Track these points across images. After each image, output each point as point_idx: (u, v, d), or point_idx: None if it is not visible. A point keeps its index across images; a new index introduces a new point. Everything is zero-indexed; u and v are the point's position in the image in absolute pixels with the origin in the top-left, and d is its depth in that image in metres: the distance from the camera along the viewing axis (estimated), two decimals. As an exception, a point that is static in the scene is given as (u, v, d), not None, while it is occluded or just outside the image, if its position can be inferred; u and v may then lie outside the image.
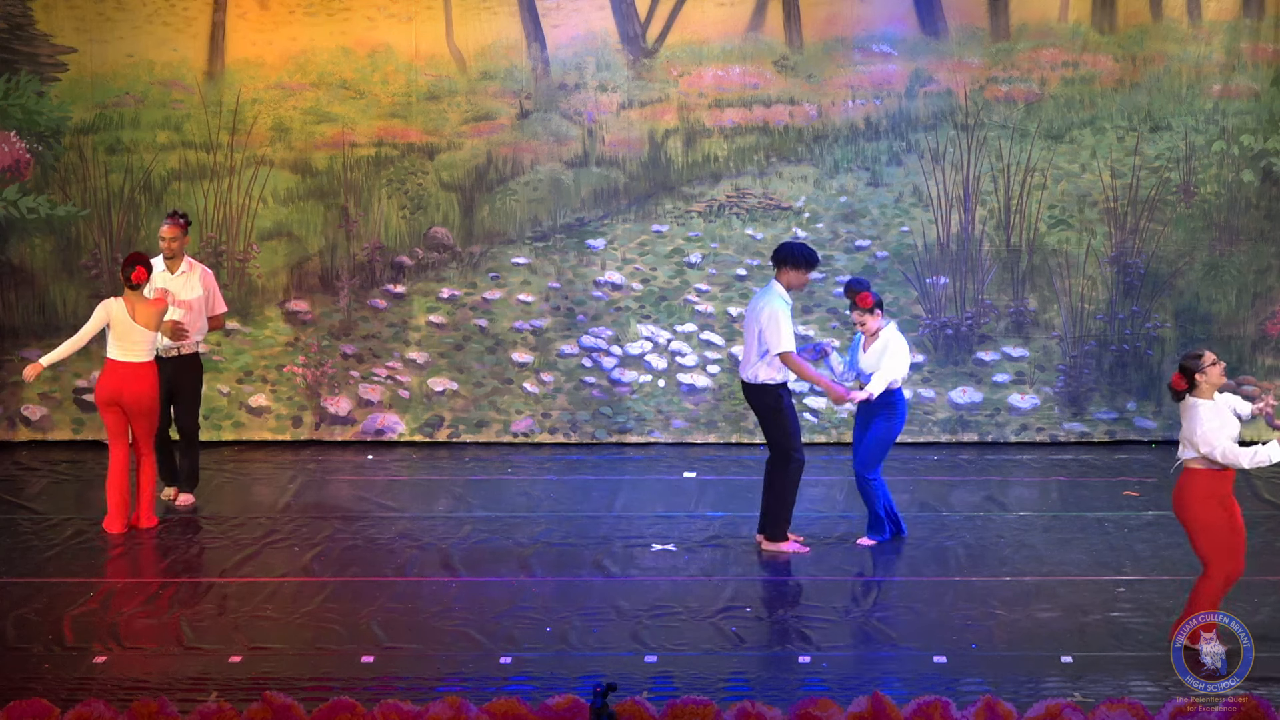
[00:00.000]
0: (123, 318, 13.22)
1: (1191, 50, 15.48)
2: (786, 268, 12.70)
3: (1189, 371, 10.58)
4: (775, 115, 15.64)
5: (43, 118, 15.60)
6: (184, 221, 13.89)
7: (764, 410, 12.77)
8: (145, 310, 13.25)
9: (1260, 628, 10.83)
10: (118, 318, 13.24)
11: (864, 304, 12.65)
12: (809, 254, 12.73)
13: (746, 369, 12.76)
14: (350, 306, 15.85)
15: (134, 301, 13.24)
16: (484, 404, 15.88)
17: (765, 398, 12.72)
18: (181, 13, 15.59)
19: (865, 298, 12.63)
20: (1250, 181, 15.56)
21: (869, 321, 12.68)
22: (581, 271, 15.81)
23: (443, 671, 10.50)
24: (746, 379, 12.78)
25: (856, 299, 12.65)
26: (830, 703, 9.40)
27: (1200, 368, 10.55)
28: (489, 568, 12.51)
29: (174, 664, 10.66)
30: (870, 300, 12.66)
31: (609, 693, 8.46)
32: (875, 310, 12.70)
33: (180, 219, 13.86)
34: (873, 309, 12.68)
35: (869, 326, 12.69)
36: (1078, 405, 15.75)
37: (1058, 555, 12.70)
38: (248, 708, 9.45)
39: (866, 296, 12.64)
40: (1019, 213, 15.63)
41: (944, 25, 15.55)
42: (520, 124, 15.72)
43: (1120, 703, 9.44)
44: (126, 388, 13.25)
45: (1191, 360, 10.60)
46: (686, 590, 12.06)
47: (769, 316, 12.56)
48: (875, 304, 12.70)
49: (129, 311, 13.20)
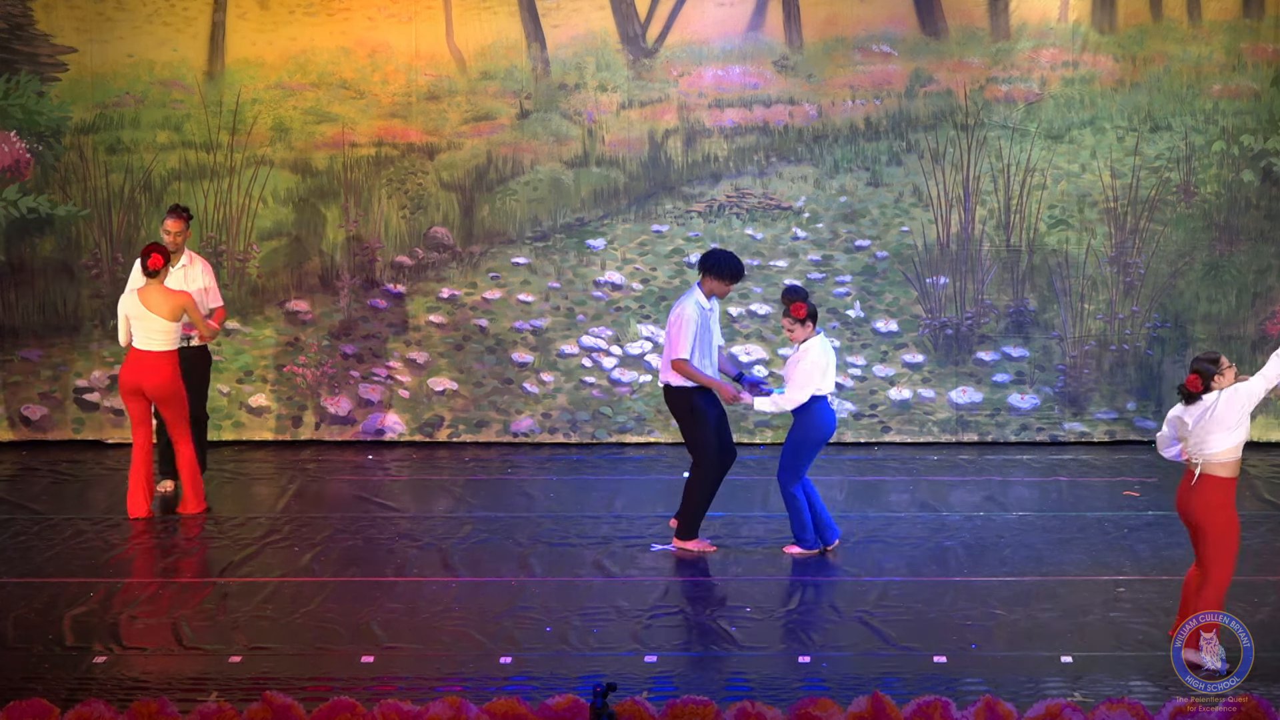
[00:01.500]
0: (137, 309, 13.30)
1: (1191, 50, 15.48)
2: (709, 276, 12.70)
3: (1206, 375, 10.50)
4: (775, 115, 15.64)
5: (43, 118, 15.60)
6: (186, 215, 13.93)
7: (678, 412, 12.82)
8: (160, 299, 13.30)
9: (1260, 628, 10.82)
10: (132, 310, 13.32)
11: (797, 313, 12.51)
12: (734, 266, 12.70)
13: (663, 373, 12.82)
14: (350, 306, 15.85)
15: (150, 291, 13.30)
16: (484, 404, 15.88)
17: (678, 400, 12.75)
18: (181, 13, 15.59)
19: (799, 307, 12.50)
20: (1250, 181, 15.56)
21: (797, 331, 12.57)
22: (581, 271, 15.81)
23: (443, 671, 10.50)
24: (664, 382, 12.83)
25: (790, 307, 12.54)
26: (830, 703, 9.40)
27: (1219, 371, 10.50)
28: (489, 568, 12.51)
29: (174, 664, 10.66)
30: (804, 311, 12.53)
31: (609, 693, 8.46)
32: (807, 321, 12.59)
33: (182, 213, 13.91)
34: (804, 320, 12.57)
35: (796, 335, 12.59)
36: (1078, 405, 15.75)
37: (1058, 555, 12.69)
38: (248, 708, 9.45)
39: (801, 306, 12.49)
40: (1019, 213, 15.62)
41: (944, 25, 15.55)
42: (520, 124, 15.72)
43: (1120, 703, 9.44)
44: (146, 378, 13.37)
45: (1208, 364, 10.51)
46: (686, 590, 12.06)
47: (675, 319, 12.63)
48: (809, 315, 12.58)
49: (143, 301, 13.27)
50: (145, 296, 13.34)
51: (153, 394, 13.41)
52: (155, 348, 13.37)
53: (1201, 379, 10.50)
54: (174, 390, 13.46)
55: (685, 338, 12.58)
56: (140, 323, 13.36)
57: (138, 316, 13.35)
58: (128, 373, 13.44)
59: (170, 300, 13.35)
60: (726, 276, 12.70)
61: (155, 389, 13.40)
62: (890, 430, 15.78)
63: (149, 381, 13.37)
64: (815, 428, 12.62)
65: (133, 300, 13.38)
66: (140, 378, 13.38)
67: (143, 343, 13.38)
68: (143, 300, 13.33)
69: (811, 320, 12.56)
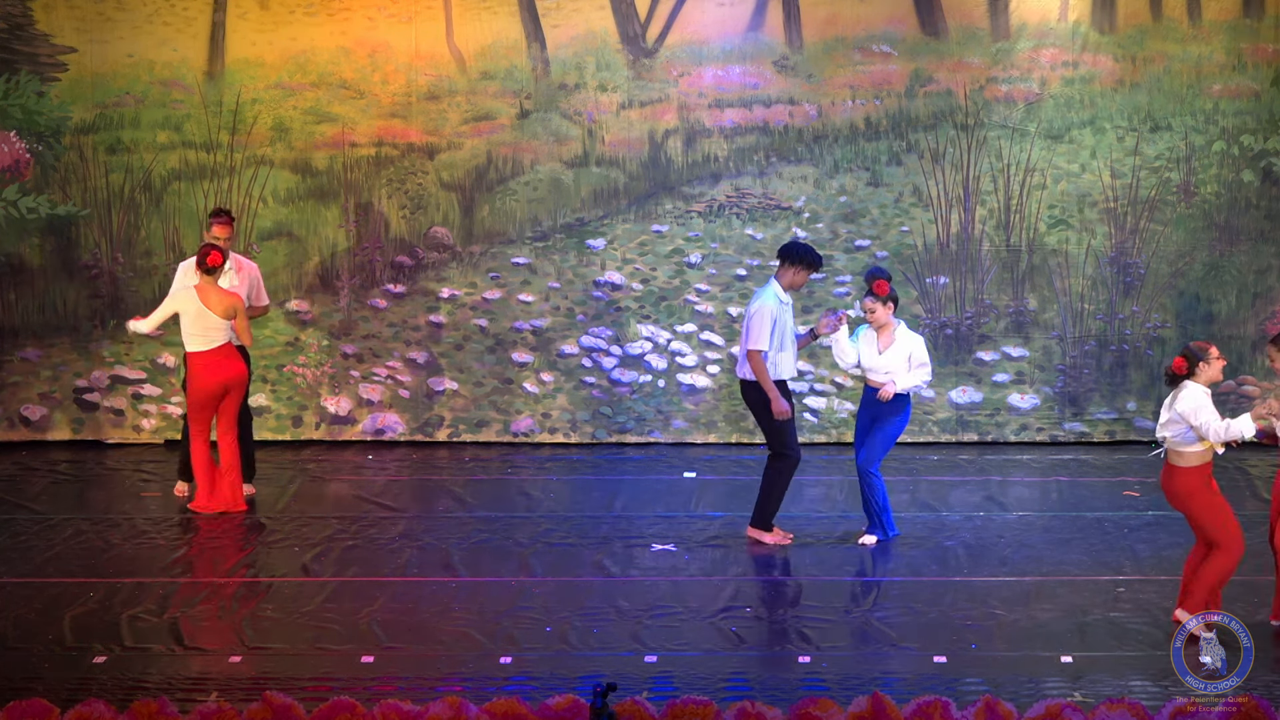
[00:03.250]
0: (194, 307, 13.33)
1: (1191, 50, 15.48)
2: (788, 266, 12.74)
3: (1193, 359, 10.70)
4: (775, 115, 15.65)
5: (43, 118, 15.60)
6: (232, 219, 13.95)
7: (758, 406, 12.83)
8: (217, 298, 13.35)
9: (1260, 628, 10.83)
10: (189, 309, 13.33)
11: (880, 291, 12.59)
12: (812, 255, 12.77)
13: (741, 366, 12.84)
14: (350, 306, 15.85)
15: (207, 289, 13.33)
16: (484, 404, 15.88)
17: (758, 393, 12.77)
18: (181, 13, 15.60)
19: (882, 285, 12.60)
20: (1250, 181, 15.56)
21: (879, 311, 12.65)
22: (581, 271, 15.81)
23: (443, 671, 10.49)
24: (742, 376, 12.83)
25: (873, 285, 12.61)
26: (830, 703, 9.40)
27: (1206, 358, 10.68)
28: (489, 568, 12.51)
29: (174, 664, 10.66)
30: (886, 288, 12.61)
31: (609, 693, 8.46)
32: (888, 303, 12.67)
33: (228, 217, 13.88)
34: (886, 300, 12.65)
35: (878, 316, 12.66)
36: (1078, 405, 15.75)
37: (1058, 555, 12.69)
38: (248, 708, 9.45)
39: (883, 284, 12.60)
40: (1019, 213, 15.63)
41: (944, 25, 15.55)
42: (520, 124, 15.72)
43: (1120, 703, 9.44)
44: (228, 371, 13.46)
45: (1199, 349, 10.75)
46: (686, 590, 12.06)
47: (755, 313, 12.67)
48: (890, 296, 12.66)
49: (201, 299, 13.31)
50: (204, 294, 13.34)
51: (237, 383, 13.49)
52: (217, 343, 13.41)
53: (1187, 363, 10.68)
54: (247, 379, 13.63)
55: (764, 329, 12.62)
56: (197, 321, 13.35)
57: (194, 314, 13.34)
58: (209, 375, 13.41)
59: (225, 300, 13.38)
60: (805, 266, 12.74)
61: (239, 377, 13.50)
62: (890, 430, 15.78)
63: (232, 373, 13.46)
64: (908, 416, 12.88)
65: (190, 296, 13.36)
66: (225, 374, 13.43)
67: (201, 342, 13.38)
68: (201, 297, 13.33)
69: (893, 302, 12.65)
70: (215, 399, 13.46)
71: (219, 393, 13.45)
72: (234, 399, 13.55)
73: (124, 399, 15.77)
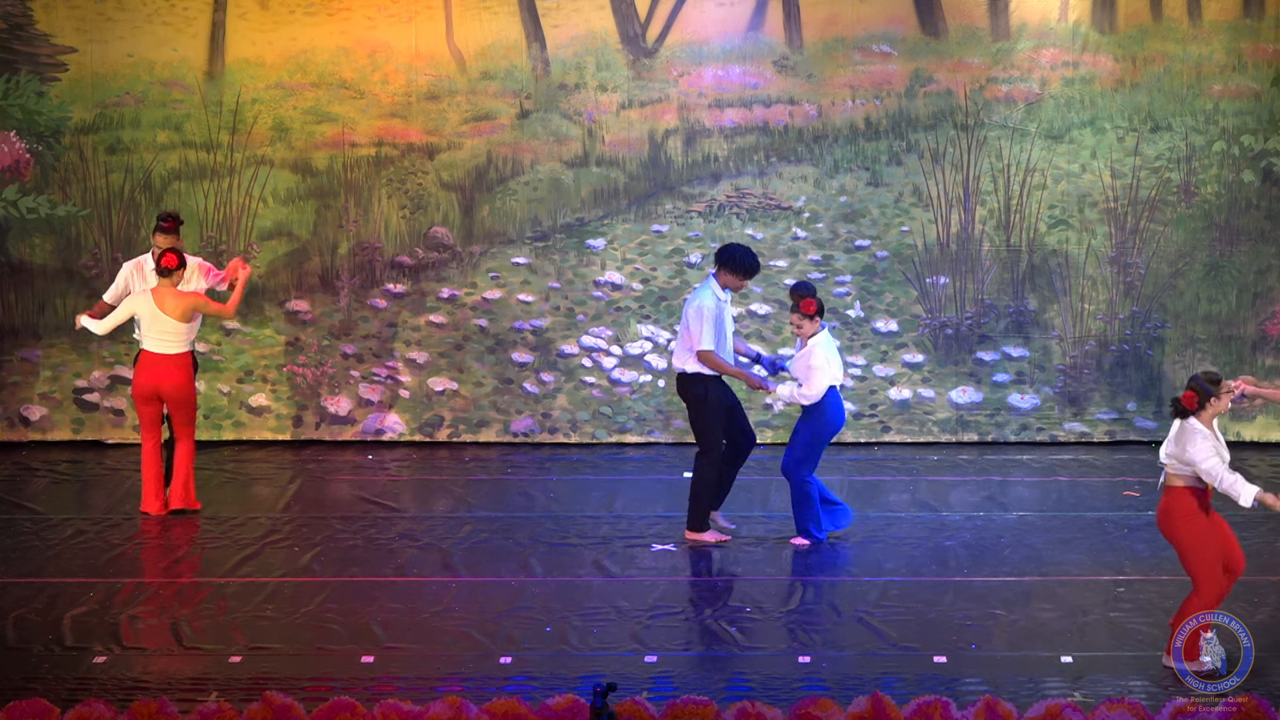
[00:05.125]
0: (149, 309, 13.30)
1: (1191, 50, 15.48)
2: (725, 270, 12.79)
3: (1203, 396, 10.34)
4: (775, 115, 15.64)
5: (43, 118, 15.59)
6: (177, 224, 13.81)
7: (692, 400, 12.86)
8: (174, 301, 13.31)
9: (1260, 628, 10.82)
10: (144, 310, 13.32)
11: (807, 310, 12.65)
12: (750, 262, 12.81)
13: (678, 360, 12.89)
14: (350, 306, 15.84)
15: (163, 292, 13.30)
16: (484, 404, 15.88)
17: (695, 387, 12.80)
18: (181, 13, 15.59)
19: (809, 303, 12.63)
20: (1250, 182, 15.56)
21: (805, 326, 12.70)
22: (581, 271, 15.81)
23: (443, 671, 10.49)
24: (679, 369, 12.88)
25: (800, 303, 12.65)
26: (830, 703, 9.40)
27: (1217, 394, 10.36)
28: (489, 568, 12.50)
29: (174, 664, 10.66)
30: (814, 307, 12.65)
31: (609, 693, 8.46)
32: (814, 317, 12.69)
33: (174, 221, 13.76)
34: (813, 315, 12.67)
35: (804, 330, 12.71)
36: (1078, 405, 15.75)
37: (1058, 555, 12.69)
38: (248, 708, 9.45)
39: (810, 302, 12.63)
40: (1019, 213, 15.62)
41: (944, 25, 15.55)
42: (520, 124, 15.71)
43: (1120, 703, 9.44)
44: (164, 379, 13.38)
45: (1210, 384, 10.35)
46: (686, 590, 12.06)
47: (695, 311, 12.69)
48: (817, 310, 12.68)
49: (157, 303, 13.28)
50: (159, 297, 13.32)
51: (170, 394, 13.40)
52: (169, 350, 13.37)
53: (1198, 399, 10.36)
54: (189, 392, 13.49)
55: (707, 328, 12.67)
56: (153, 324, 13.33)
57: (150, 317, 13.33)
58: (144, 377, 13.42)
59: (183, 302, 13.34)
60: (741, 271, 12.78)
61: (173, 389, 13.39)
62: (890, 430, 15.78)
63: (166, 383, 13.37)
64: (828, 419, 12.77)
65: (145, 300, 13.35)
66: (158, 380, 13.38)
67: (155, 345, 13.36)
68: (156, 301, 13.31)
69: (819, 315, 12.66)
70: (149, 400, 13.41)
71: (152, 395, 13.39)
72: (176, 409, 13.44)
73: (124, 399, 15.76)
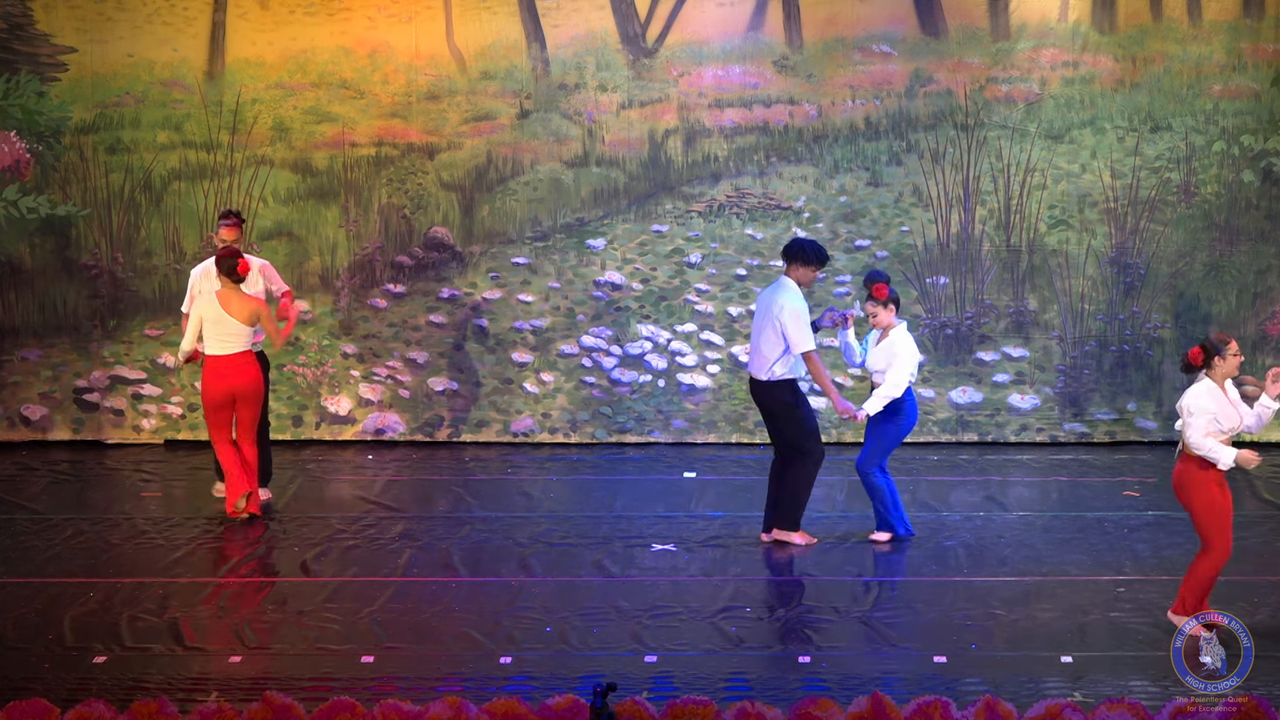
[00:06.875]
0: (214, 311, 13.29)
1: (1191, 50, 15.48)
2: (797, 264, 12.72)
3: (1211, 352, 10.62)
4: (775, 115, 15.64)
5: (43, 118, 15.60)
6: (241, 220, 13.89)
7: (780, 406, 12.75)
8: (240, 304, 13.31)
9: (1260, 628, 10.83)
10: (209, 314, 13.30)
11: (879, 295, 12.67)
12: (821, 251, 12.77)
13: (760, 366, 12.74)
14: (350, 306, 15.85)
15: (229, 295, 13.30)
16: (484, 404, 15.88)
17: (781, 394, 12.71)
18: (181, 13, 15.59)
19: (881, 289, 12.66)
20: (1250, 181, 15.56)
21: (881, 315, 12.71)
22: (581, 271, 15.81)
23: (443, 671, 10.50)
24: (760, 376, 12.76)
25: (872, 289, 12.68)
26: (830, 703, 9.40)
27: (1223, 352, 10.59)
28: (489, 568, 12.51)
29: (174, 664, 10.66)
30: (885, 292, 12.67)
31: (609, 693, 8.46)
32: (889, 305, 12.71)
33: (238, 219, 13.80)
34: (886, 302, 12.69)
35: (880, 319, 12.72)
36: (1078, 405, 15.75)
37: (1058, 555, 12.69)
38: (248, 708, 9.45)
39: (882, 288, 12.67)
40: (1019, 213, 15.63)
41: (944, 25, 15.55)
42: (520, 124, 15.72)
43: (1120, 703, 9.44)
44: (237, 378, 13.36)
45: (1218, 343, 10.65)
46: (686, 590, 12.06)
47: (791, 314, 12.55)
48: (890, 298, 12.71)
49: (223, 305, 13.28)
50: (225, 300, 13.31)
51: (246, 393, 13.38)
52: (235, 349, 13.35)
53: (1204, 355, 10.60)
54: (260, 388, 13.53)
55: (806, 331, 12.58)
56: (216, 326, 13.31)
57: (215, 320, 13.29)
58: (217, 381, 13.34)
59: (248, 306, 13.35)
60: (815, 262, 12.74)
61: (248, 386, 13.38)
62: (890, 430, 15.78)
63: (239, 381, 13.36)
64: (907, 416, 12.80)
65: (211, 303, 13.32)
66: (231, 382, 13.34)
67: (219, 347, 13.33)
68: (222, 304, 13.30)
69: (894, 304, 12.67)
70: (225, 404, 13.39)
71: (227, 399, 13.37)
72: (247, 406, 13.45)
73: (124, 399, 15.77)
